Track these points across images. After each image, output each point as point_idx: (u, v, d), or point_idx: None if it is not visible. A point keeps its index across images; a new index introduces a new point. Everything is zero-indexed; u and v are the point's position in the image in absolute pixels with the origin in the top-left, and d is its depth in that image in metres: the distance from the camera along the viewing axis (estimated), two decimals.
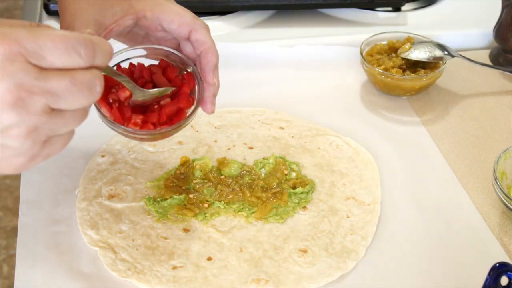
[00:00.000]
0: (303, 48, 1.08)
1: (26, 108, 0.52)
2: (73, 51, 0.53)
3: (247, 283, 0.72)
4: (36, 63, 0.52)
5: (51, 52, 0.52)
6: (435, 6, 1.24)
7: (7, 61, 0.51)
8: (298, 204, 0.82)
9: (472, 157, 0.91)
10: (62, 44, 0.53)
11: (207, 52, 0.75)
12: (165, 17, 0.75)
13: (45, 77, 0.52)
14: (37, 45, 0.52)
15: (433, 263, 0.76)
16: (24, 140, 0.53)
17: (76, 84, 0.54)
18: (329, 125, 0.95)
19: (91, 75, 0.55)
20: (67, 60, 0.53)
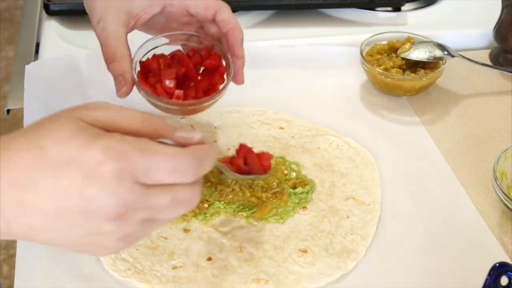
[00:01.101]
0: (303, 48, 1.08)
1: (126, 221, 0.53)
2: (181, 172, 0.54)
3: (247, 283, 0.72)
4: (142, 181, 0.52)
5: (159, 173, 0.53)
6: (435, 6, 1.24)
7: (115, 179, 0.51)
8: (298, 204, 0.82)
9: (472, 157, 0.91)
10: (170, 164, 0.53)
11: (234, 29, 0.81)
12: (190, 2, 0.81)
13: (148, 194, 0.53)
14: (147, 165, 0.52)
15: (433, 263, 0.76)
16: (117, 243, 0.55)
17: (177, 202, 0.55)
18: (329, 125, 0.95)
19: (192, 192, 0.55)
20: (172, 179, 0.54)
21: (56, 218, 0.52)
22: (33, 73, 1.00)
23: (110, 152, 0.51)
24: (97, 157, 0.51)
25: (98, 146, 0.51)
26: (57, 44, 1.08)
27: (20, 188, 0.51)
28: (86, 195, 0.51)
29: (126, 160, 0.51)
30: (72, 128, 0.52)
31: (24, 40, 1.16)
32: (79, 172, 0.51)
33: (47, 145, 0.52)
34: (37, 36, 1.16)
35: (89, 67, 1.00)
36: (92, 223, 0.52)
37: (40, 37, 1.12)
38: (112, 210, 0.52)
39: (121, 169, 0.51)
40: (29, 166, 0.51)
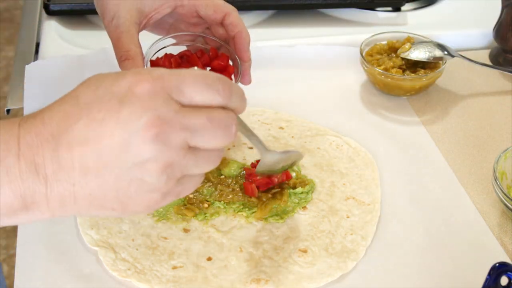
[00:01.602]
0: (303, 48, 1.08)
1: (166, 141, 0.51)
2: (212, 88, 0.53)
3: (247, 283, 0.72)
4: (176, 98, 0.52)
5: (191, 88, 0.52)
6: (435, 6, 1.24)
7: (150, 95, 0.51)
8: (298, 204, 0.82)
9: (472, 157, 0.91)
10: (202, 80, 0.53)
11: (241, 32, 0.84)
12: (200, 4, 0.83)
13: (184, 112, 0.52)
14: (179, 81, 0.52)
15: (433, 263, 0.76)
16: (160, 175, 0.52)
17: (213, 121, 0.53)
18: (329, 125, 0.95)
19: (226, 114, 0.54)
20: (206, 96, 0.53)
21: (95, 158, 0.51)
22: (33, 73, 1.00)
23: (142, 74, 0.52)
24: (129, 80, 0.51)
25: (129, 73, 0.52)
26: (57, 44, 1.09)
27: (56, 140, 0.51)
28: (123, 117, 0.50)
29: (157, 77, 0.52)
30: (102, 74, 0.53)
31: (24, 40, 1.16)
32: (113, 99, 0.51)
33: (80, 92, 0.52)
34: (37, 36, 1.16)
35: (89, 67, 1.00)
36: (132, 150, 0.50)
37: (40, 37, 1.12)
38: (150, 125, 0.50)
39: (154, 85, 0.51)
40: (65, 115, 0.51)
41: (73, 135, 0.51)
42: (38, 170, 0.51)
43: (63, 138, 0.51)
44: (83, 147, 0.50)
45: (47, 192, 0.51)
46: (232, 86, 0.55)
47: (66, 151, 0.51)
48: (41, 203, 0.52)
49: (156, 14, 0.83)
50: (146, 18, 0.82)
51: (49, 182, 0.51)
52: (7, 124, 0.52)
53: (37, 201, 0.51)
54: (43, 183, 0.51)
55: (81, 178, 0.51)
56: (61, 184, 0.51)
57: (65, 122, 0.51)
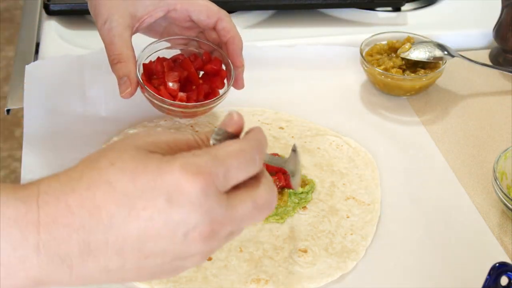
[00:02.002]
0: (303, 48, 1.08)
1: (214, 238, 0.49)
2: (252, 163, 0.51)
3: (247, 283, 0.72)
4: (223, 189, 0.49)
5: (236, 171, 0.50)
6: (435, 6, 1.24)
7: (202, 196, 0.47)
8: (298, 204, 0.82)
9: (472, 157, 0.91)
10: (244, 159, 0.50)
11: (234, 38, 0.84)
12: (193, 9, 0.83)
13: (232, 206, 0.50)
14: (226, 169, 0.49)
15: (433, 263, 0.76)
16: (200, 261, 0.51)
17: (258, 207, 0.51)
18: (329, 125, 0.95)
19: (269, 193, 0.52)
20: (248, 173, 0.51)
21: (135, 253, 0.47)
22: (33, 73, 1.00)
23: (189, 169, 0.47)
24: (176, 177, 0.47)
25: (174, 166, 0.47)
26: (57, 44, 1.08)
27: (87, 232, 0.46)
28: (173, 218, 0.47)
29: (206, 171, 0.47)
30: (138, 155, 0.48)
31: (24, 40, 1.16)
32: (160, 197, 0.46)
33: (114, 179, 0.47)
34: (37, 36, 1.16)
35: (89, 67, 1.00)
36: (179, 248, 0.48)
37: (40, 37, 1.12)
38: (203, 229, 0.48)
39: (204, 182, 0.47)
40: (96, 205, 0.46)
41: (111, 227, 0.46)
42: (63, 261, 0.47)
43: (98, 230, 0.46)
44: (123, 239, 0.47)
45: (71, 278, 0.48)
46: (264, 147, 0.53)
47: (102, 242, 0.47)
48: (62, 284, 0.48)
49: (149, 18, 0.83)
50: (139, 21, 0.83)
51: (75, 271, 0.47)
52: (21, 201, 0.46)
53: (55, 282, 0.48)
54: (67, 272, 0.47)
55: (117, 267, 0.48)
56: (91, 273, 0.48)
57: (100, 211, 0.46)
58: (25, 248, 0.46)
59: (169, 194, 0.47)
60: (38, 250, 0.46)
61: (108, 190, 0.47)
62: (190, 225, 0.47)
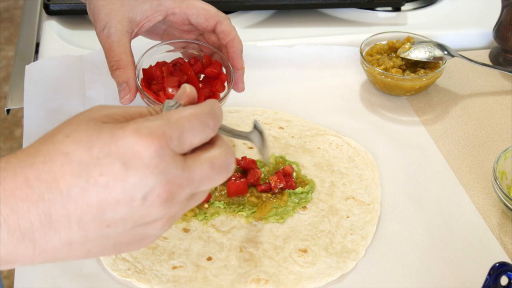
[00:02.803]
0: (303, 48, 1.08)
1: (174, 200, 0.50)
2: (206, 126, 0.52)
3: (247, 283, 0.72)
4: (179, 150, 0.50)
5: (190, 135, 0.51)
6: (435, 6, 1.24)
7: (157, 157, 0.48)
8: (298, 204, 0.82)
9: (472, 157, 0.91)
10: (196, 122, 0.51)
11: (233, 41, 0.84)
12: (192, 12, 0.83)
13: (189, 167, 0.50)
14: (179, 132, 0.50)
15: (433, 263, 0.76)
16: (163, 228, 0.51)
17: (215, 168, 0.52)
18: (329, 125, 0.95)
19: (225, 154, 0.53)
20: (202, 137, 0.52)
21: (96, 222, 0.48)
22: (33, 73, 1.00)
23: (142, 133, 0.48)
24: (130, 141, 0.48)
25: (126, 131, 0.48)
26: (57, 44, 1.09)
27: (47, 204, 0.46)
28: (130, 182, 0.47)
29: (159, 134, 0.48)
30: (91, 126, 0.49)
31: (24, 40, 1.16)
32: (116, 162, 0.47)
33: (70, 149, 0.47)
34: (37, 36, 1.16)
35: (89, 67, 1.00)
36: (139, 213, 0.48)
37: (40, 37, 1.12)
38: (160, 191, 0.48)
39: (158, 144, 0.48)
40: (54, 176, 0.47)
41: (69, 198, 0.47)
42: (24, 235, 0.47)
43: (57, 201, 0.47)
44: (83, 210, 0.47)
45: (34, 254, 0.48)
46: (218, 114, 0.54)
47: (62, 214, 0.47)
48: (25, 261, 0.49)
49: (148, 22, 0.84)
50: (138, 26, 0.83)
51: (38, 245, 0.47)
52: None
53: (20, 259, 0.48)
54: (29, 247, 0.47)
55: (79, 239, 0.48)
56: (54, 246, 0.48)
57: (58, 183, 0.47)
58: None
59: (124, 158, 0.47)
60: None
61: (65, 162, 0.47)
62: (148, 187, 0.48)
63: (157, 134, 0.48)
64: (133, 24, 0.82)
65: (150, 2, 0.83)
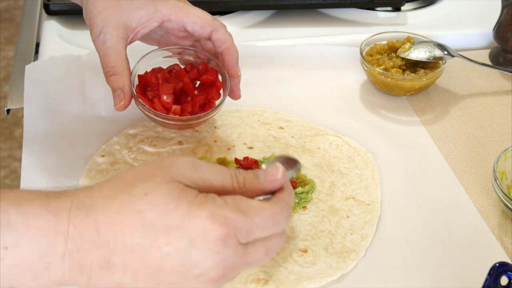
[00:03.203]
0: (303, 48, 1.08)
1: (224, 280, 0.53)
2: (278, 226, 0.55)
3: (246, 283, 0.72)
4: (244, 241, 0.53)
5: (260, 231, 0.54)
6: (435, 6, 1.24)
7: (221, 245, 0.51)
8: (298, 204, 0.82)
9: (472, 157, 0.91)
10: (270, 221, 0.54)
11: (229, 48, 0.84)
12: (188, 20, 0.83)
13: (247, 254, 0.54)
14: (250, 226, 0.53)
15: (433, 263, 0.76)
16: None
17: (269, 252, 0.56)
18: (329, 125, 0.95)
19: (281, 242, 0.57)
20: (270, 233, 0.55)
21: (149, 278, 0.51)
22: (33, 73, 1.00)
23: (216, 218, 0.51)
24: (203, 224, 0.50)
25: (203, 212, 0.51)
26: (57, 44, 1.08)
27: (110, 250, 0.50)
28: (190, 260, 0.50)
29: (231, 225, 0.51)
30: (172, 191, 0.51)
31: (24, 40, 1.16)
32: (183, 238, 0.50)
33: (144, 210, 0.50)
34: (37, 36, 1.16)
35: (89, 67, 1.00)
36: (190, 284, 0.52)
37: (40, 37, 1.12)
38: (215, 273, 0.52)
39: (227, 234, 0.51)
40: (123, 229, 0.50)
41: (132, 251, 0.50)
42: (83, 270, 0.51)
43: (119, 252, 0.50)
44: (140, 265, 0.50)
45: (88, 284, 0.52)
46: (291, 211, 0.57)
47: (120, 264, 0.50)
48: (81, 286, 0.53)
49: (143, 29, 0.84)
50: (133, 32, 0.83)
51: (92, 280, 0.51)
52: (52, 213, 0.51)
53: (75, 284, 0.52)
54: (85, 279, 0.51)
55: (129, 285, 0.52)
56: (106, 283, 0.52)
57: (124, 235, 0.50)
58: (52, 256, 0.50)
59: (192, 237, 0.50)
60: (63, 258, 0.50)
61: (137, 219, 0.50)
62: (205, 269, 0.51)
63: (229, 225, 0.51)
64: (128, 30, 0.82)
65: (146, 9, 0.82)
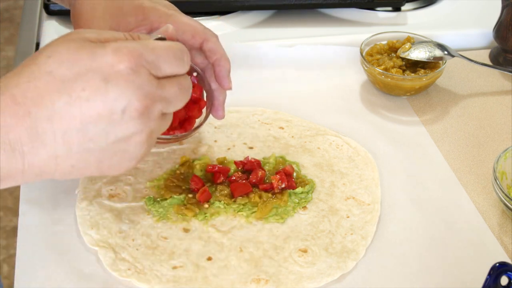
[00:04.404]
0: (303, 48, 1.08)
1: (149, 115, 0.56)
2: (180, 59, 0.60)
3: (247, 283, 0.72)
4: (154, 73, 0.57)
5: (165, 62, 0.58)
6: (435, 6, 1.24)
7: (134, 74, 0.54)
8: (298, 204, 0.82)
9: (472, 157, 0.91)
10: (171, 53, 0.59)
11: (220, 59, 0.80)
12: (178, 28, 0.78)
13: (162, 85, 0.58)
14: (155, 57, 0.57)
15: (433, 263, 0.76)
16: (142, 145, 0.57)
17: (182, 89, 0.60)
18: (329, 125, 0.95)
19: (188, 80, 0.62)
20: (176, 68, 0.60)
21: (79, 135, 0.53)
22: None
23: (121, 52, 0.54)
24: (110, 59, 0.53)
25: (107, 50, 0.54)
26: None
27: (33, 118, 0.51)
28: (110, 96, 0.53)
29: (137, 54, 0.55)
30: (72, 45, 0.54)
31: (24, 40, 1.16)
32: (96, 77, 0.52)
33: (53, 68, 0.52)
34: (37, 36, 1.16)
35: None
36: (119, 126, 0.54)
37: (40, 37, 1.12)
38: (137, 104, 0.54)
39: (136, 63, 0.54)
40: (40, 93, 0.51)
41: (54, 112, 0.51)
42: (14, 148, 0.51)
43: (42, 116, 0.51)
44: (67, 123, 0.52)
45: (24, 168, 0.53)
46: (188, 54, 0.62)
47: (48, 127, 0.52)
48: (17, 176, 0.53)
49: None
50: None
51: (26, 158, 0.52)
52: None
53: (12, 174, 0.53)
54: (19, 160, 0.52)
55: (64, 152, 0.53)
56: (42, 159, 0.53)
57: (43, 99, 0.51)
58: None
59: (104, 73, 0.52)
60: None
61: (49, 80, 0.52)
62: (126, 100, 0.54)
63: (136, 54, 0.55)
64: None
65: (135, 16, 0.79)
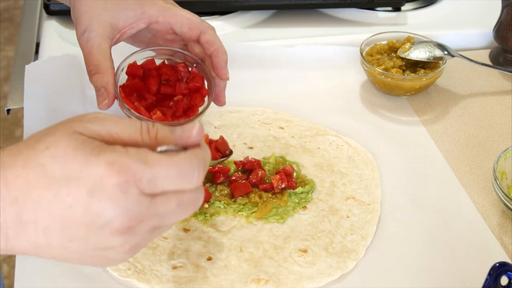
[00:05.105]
0: (303, 48, 1.08)
1: (134, 232, 0.52)
2: (186, 178, 0.53)
3: (247, 283, 0.72)
4: (148, 191, 0.51)
5: (164, 180, 0.51)
6: (435, 6, 1.24)
7: (121, 193, 0.50)
8: (298, 204, 0.82)
9: (472, 157, 0.91)
10: (175, 172, 0.52)
11: (218, 51, 0.83)
12: (176, 22, 0.82)
13: (155, 204, 0.52)
14: (152, 176, 0.51)
15: (433, 263, 0.76)
16: (124, 254, 0.54)
17: (181, 205, 0.53)
18: (329, 125, 0.95)
19: (196, 193, 0.54)
20: (180, 185, 0.53)
21: (60, 234, 0.51)
22: (33, 73, 1.00)
23: (114, 166, 0.50)
24: (100, 171, 0.49)
25: (101, 160, 0.50)
26: (57, 44, 1.09)
27: (20, 206, 0.50)
28: (92, 210, 0.50)
29: (130, 172, 0.50)
30: (71, 142, 0.51)
31: (24, 40, 1.16)
32: (83, 187, 0.50)
33: (46, 162, 0.50)
34: (37, 36, 1.16)
35: None
36: (98, 238, 0.51)
37: (40, 37, 1.12)
38: (119, 224, 0.50)
39: (125, 181, 0.50)
40: (29, 184, 0.50)
41: (38, 206, 0.50)
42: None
43: (28, 206, 0.50)
44: (49, 220, 0.50)
45: (7, 247, 0.52)
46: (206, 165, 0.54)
47: (32, 219, 0.50)
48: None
49: (130, 29, 0.83)
50: (120, 32, 0.82)
51: (10, 241, 0.51)
52: None
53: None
54: (3, 241, 0.51)
55: (45, 244, 0.51)
56: (23, 245, 0.52)
57: (31, 191, 0.50)
58: None
59: (91, 185, 0.50)
60: None
61: (40, 173, 0.50)
62: (107, 218, 0.50)
63: (128, 172, 0.50)
64: (114, 30, 0.82)
65: (134, 10, 0.82)
